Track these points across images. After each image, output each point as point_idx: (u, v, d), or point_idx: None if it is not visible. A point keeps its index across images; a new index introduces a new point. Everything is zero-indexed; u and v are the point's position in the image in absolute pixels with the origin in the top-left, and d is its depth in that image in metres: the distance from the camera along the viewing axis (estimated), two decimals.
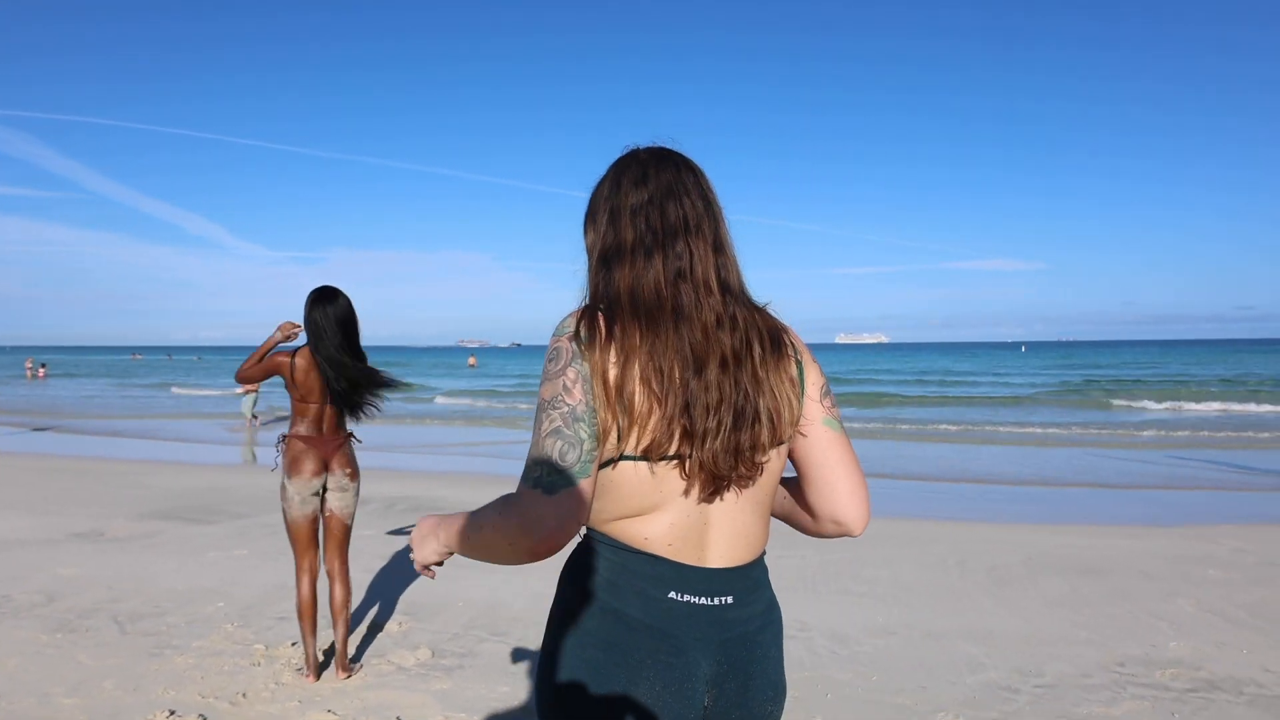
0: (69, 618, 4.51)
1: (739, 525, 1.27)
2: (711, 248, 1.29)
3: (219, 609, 4.70)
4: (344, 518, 3.69)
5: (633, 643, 1.22)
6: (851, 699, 3.52)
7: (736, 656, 1.26)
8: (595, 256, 1.33)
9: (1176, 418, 19.19)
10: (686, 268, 1.26)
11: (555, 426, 1.18)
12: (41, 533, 6.71)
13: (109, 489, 8.95)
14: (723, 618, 1.26)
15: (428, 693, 3.55)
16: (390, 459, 12.13)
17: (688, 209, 1.29)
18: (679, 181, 1.31)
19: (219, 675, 3.71)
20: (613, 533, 1.26)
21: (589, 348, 1.20)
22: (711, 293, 1.26)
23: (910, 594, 5.08)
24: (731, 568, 1.27)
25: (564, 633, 1.27)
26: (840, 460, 1.31)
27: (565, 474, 1.17)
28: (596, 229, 1.34)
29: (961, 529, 7.08)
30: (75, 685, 3.58)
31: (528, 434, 1.39)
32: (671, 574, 1.24)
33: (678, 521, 1.24)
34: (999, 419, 19.56)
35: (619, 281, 1.27)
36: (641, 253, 1.27)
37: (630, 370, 1.20)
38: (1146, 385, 32.09)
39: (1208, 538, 6.64)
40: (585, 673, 1.23)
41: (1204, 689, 3.62)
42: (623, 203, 1.31)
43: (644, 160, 1.34)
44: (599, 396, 1.19)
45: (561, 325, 1.24)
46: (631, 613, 1.23)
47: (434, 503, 8.13)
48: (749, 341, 1.26)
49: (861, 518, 1.32)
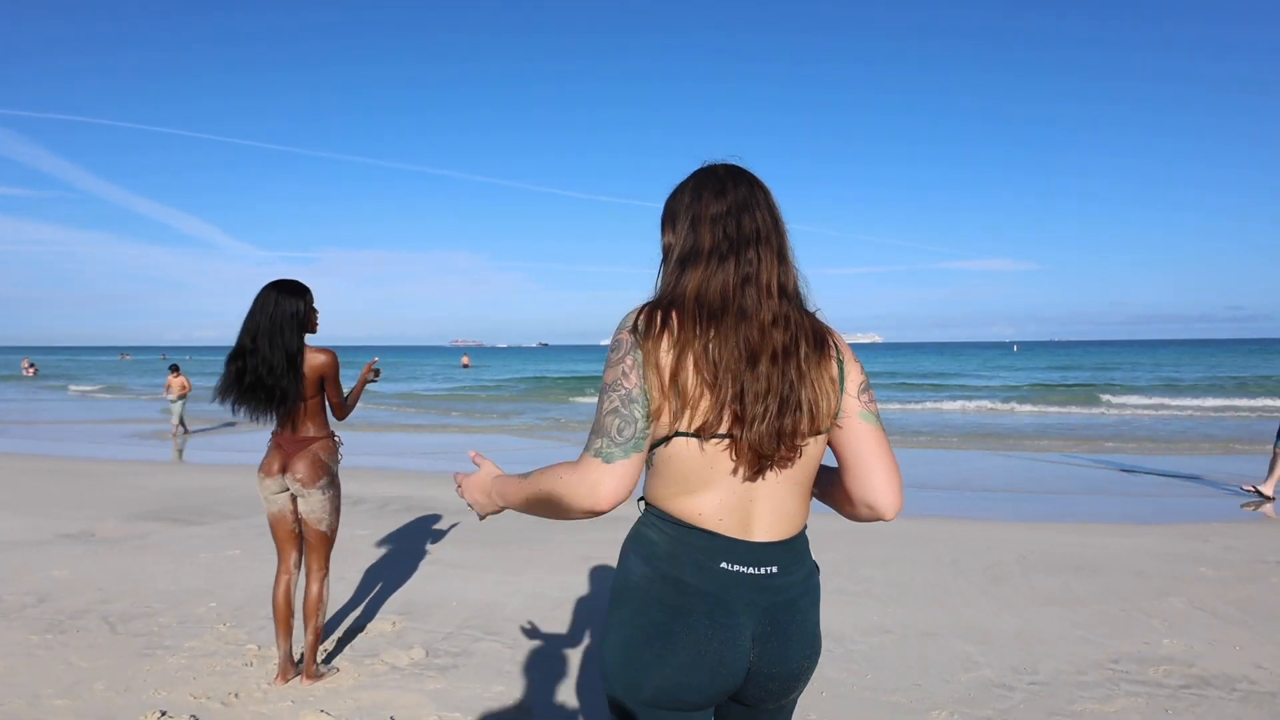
0: (60, 619, 4.48)
1: (781, 504, 1.45)
2: (776, 257, 1.48)
3: (211, 609, 4.67)
4: (312, 522, 3.60)
5: (691, 606, 1.41)
6: (847, 697, 3.52)
7: (779, 619, 1.45)
8: (674, 257, 1.50)
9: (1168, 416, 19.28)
10: (754, 273, 1.45)
11: (614, 406, 1.37)
12: (32, 534, 6.66)
13: (100, 490, 8.89)
14: (768, 585, 1.44)
15: (422, 692, 3.54)
16: (385, 460, 12.10)
17: (760, 221, 1.48)
18: (752, 197, 1.50)
19: (211, 676, 3.69)
20: (672, 510, 1.44)
21: (645, 340, 1.38)
22: (771, 296, 1.45)
23: (905, 593, 5.08)
24: (775, 541, 1.45)
25: (630, 597, 1.45)
26: (874, 451, 1.47)
27: (621, 447, 1.36)
28: (676, 233, 1.51)
29: (956, 528, 7.10)
30: (66, 687, 3.55)
31: (523, 437, 1.44)
32: (723, 546, 1.42)
33: (726, 499, 1.42)
34: (995, 418, 19.62)
35: (689, 282, 1.44)
36: (717, 257, 1.44)
37: (685, 360, 1.37)
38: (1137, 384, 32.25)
39: (1198, 536, 6.67)
40: (650, 631, 1.42)
41: (1197, 686, 3.63)
42: (703, 212, 1.48)
43: (722, 176, 1.52)
44: (652, 382, 1.37)
45: (624, 320, 1.43)
46: (689, 580, 1.42)
47: (427, 502, 8.10)
48: (797, 340, 1.43)
49: (894, 504, 1.48)
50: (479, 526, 7.05)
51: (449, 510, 7.72)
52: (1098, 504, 8.50)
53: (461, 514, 7.57)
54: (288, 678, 3.60)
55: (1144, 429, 16.55)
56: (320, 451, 3.60)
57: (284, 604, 3.61)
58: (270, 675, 3.66)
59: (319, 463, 3.57)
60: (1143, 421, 18.35)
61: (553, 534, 6.75)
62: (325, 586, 3.65)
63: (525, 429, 17.47)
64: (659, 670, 1.41)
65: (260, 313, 3.48)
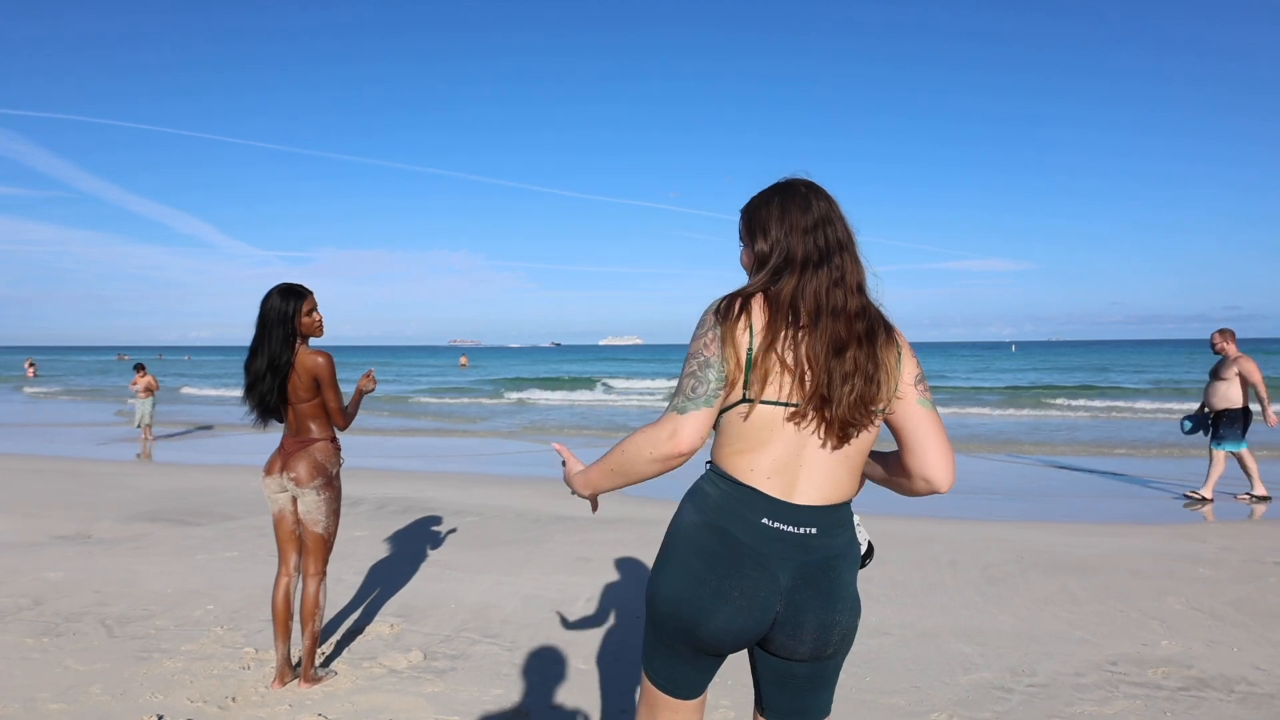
0: (56, 621, 4.46)
1: (828, 473, 1.64)
2: (854, 261, 1.71)
3: (208, 612, 4.65)
4: (308, 523, 3.60)
5: (730, 554, 1.61)
6: (845, 698, 3.51)
7: (812, 575, 1.63)
8: (771, 263, 1.70)
9: (1165, 418, 19.31)
10: (840, 277, 1.68)
11: (692, 370, 1.62)
12: (27, 536, 6.64)
13: (95, 491, 8.87)
14: (806, 544, 1.62)
15: (419, 695, 3.53)
16: (385, 460, 12.07)
17: (840, 232, 1.72)
18: (832, 210, 1.73)
19: (208, 679, 3.67)
20: (728, 467, 1.65)
21: (725, 321, 1.61)
22: (854, 294, 1.68)
23: (903, 593, 5.08)
24: (817, 506, 1.63)
25: (679, 541, 1.67)
26: (930, 432, 1.67)
27: (694, 402, 1.60)
28: (768, 240, 1.72)
29: (954, 528, 7.10)
30: (62, 690, 3.54)
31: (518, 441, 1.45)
32: (766, 504, 1.61)
33: (777, 460, 1.62)
34: (992, 418, 19.64)
35: (785, 285, 1.66)
36: (811, 265, 1.67)
37: (774, 345, 1.60)
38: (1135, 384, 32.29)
39: (1195, 536, 6.68)
40: (689, 573, 1.63)
41: (1195, 687, 3.63)
42: (794, 224, 1.70)
43: (804, 192, 1.74)
44: (729, 355, 1.60)
45: (712, 305, 1.67)
46: (733, 530, 1.62)
47: (426, 503, 8.09)
48: (874, 329, 1.67)
49: (948, 477, 1.67)
50: (476, 527, 7.04)
51: (447, 511, 7.71)
52: (1093, 504, 8.51)
53: (460, 515, 7.56)
54: (285, 681, 3.59)
55: (1140, 427, 16.58)
56: (318, 453, 3.59)
57: (283, 606, 3.60)
58: (268, 678, 3.65)
59: (315, 463, 3.57)
60: (1140, 420, 18.37)
61: (551, 535, 6.74)
62: (322, 590, 3.63)
63: (521, 433, 17.47)
64: (689, 609, 1.62)
65: (259, 316, 3.54)
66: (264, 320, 3.52)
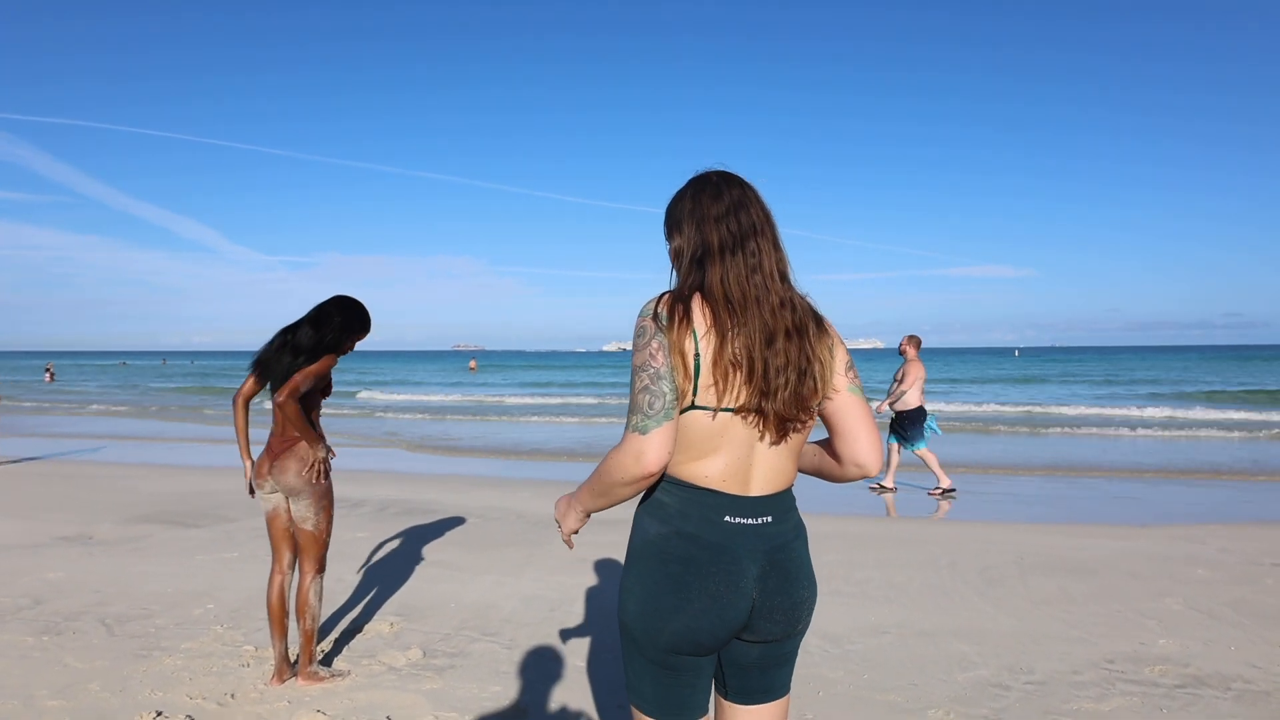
0: (55, 620, 4.47)
1: (775, 464, 1.66)
2: (773, 246, 1.68)
3: (208, 611, 4.67)
4: (299, 521, 3.60)
5: (703, 556, 1.61)
6: (843, 696, 3.52)
7: (776, 560, 1.65)
8: (687, 257, 1.68)
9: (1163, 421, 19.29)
10: (757, 263, 1.64)
11: (645, 385, 1.56)
12: (27, 537, 6.65)
13: (95, 493, 8.88)
14: (765, 532, 1.65)
15: (418, 693, 3.54)
16: (385, 463, 12.09)
17: (755, 216, 1.68)
18: (745, 196, 1.70)
19: (207, 676, 3.69)
20: (682, 475, 1.64)
21: (667, 326, 1.57)
22: (775, 281, 1.65)
23: (902, 594, 5.09)
24: (768, 495, 1.66)
25: (647, 552, 1.65)
26: (860, 418, 1.70)
27: (653, 419, 1.55)
28: (684, 235, 1.70)
29: (952, 529, 7.10)
30: (61, 687, 3.55)
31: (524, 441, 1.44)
32: (727, 503, 1.62)
33: (730, 462, 1.62)
34: (991, 419, 19.63)
35: (711, 276, 1.62)
36: (727, 252, 1.63)
37: (710, 342, 1.57)
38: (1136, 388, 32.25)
39: (1194, 538, 6.68)
40: (666, 584, 1.62)
41: (1192, 685, 3.64)
42: (705, 214, 1.67)
43: (715, 181, 1.72)
44: (676, 363, 1.56)
45: (644, 309, 1.61)
46: (701, 533, 1.61)
47: (426, 505, 8.10)
48: (804, 321, 1.65)
49: (877, 461, 1.70)
50: (476, 528, 7.05)
51: (447, 513, 7.73)
52: (1092, 505, 8.51)
53: (461, 517, 7.58)
54: (283, 678, 3.60)
55: (1139, 431, 16.57)
56: (304, 451, 3.58)
57: (278, 604, 3.61)
58: (267, 676, 3.66)
59: (302, 462, 3.57)
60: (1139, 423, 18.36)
61: (551, 537, 6.75)
62: (315, 588, 3.62)
63: (518, 432, 17.47)
64: (676, 618, 1.61)
65: (324, 312, 3.66)
66: (328, 321, 3.60)
